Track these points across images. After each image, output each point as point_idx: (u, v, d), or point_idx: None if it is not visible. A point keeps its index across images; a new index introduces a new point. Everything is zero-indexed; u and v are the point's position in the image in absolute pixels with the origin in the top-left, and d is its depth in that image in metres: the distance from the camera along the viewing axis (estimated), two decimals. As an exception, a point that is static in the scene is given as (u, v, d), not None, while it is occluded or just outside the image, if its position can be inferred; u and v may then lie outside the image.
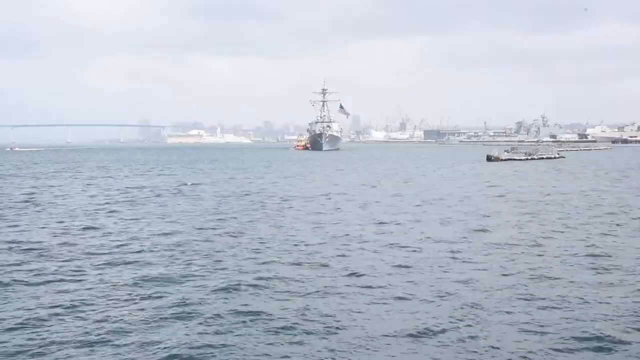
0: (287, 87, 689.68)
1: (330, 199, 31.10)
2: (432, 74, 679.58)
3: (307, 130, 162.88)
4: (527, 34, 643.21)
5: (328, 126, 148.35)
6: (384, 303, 11.75)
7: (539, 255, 16.14)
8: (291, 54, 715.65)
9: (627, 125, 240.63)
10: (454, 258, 15.77)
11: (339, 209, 26.75)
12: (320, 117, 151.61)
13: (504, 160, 77.70)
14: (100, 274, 14.10)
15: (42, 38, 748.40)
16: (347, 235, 19.42)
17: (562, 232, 20.02)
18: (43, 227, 21.28)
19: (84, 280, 13.53)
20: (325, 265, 15.00)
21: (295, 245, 17.73)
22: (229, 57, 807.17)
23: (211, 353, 9.33)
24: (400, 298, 12.08)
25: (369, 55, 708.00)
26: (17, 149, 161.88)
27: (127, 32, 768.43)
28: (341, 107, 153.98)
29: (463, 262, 15.31)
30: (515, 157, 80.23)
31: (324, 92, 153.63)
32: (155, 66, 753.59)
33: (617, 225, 21.44)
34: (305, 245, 17.73)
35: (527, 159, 79.69)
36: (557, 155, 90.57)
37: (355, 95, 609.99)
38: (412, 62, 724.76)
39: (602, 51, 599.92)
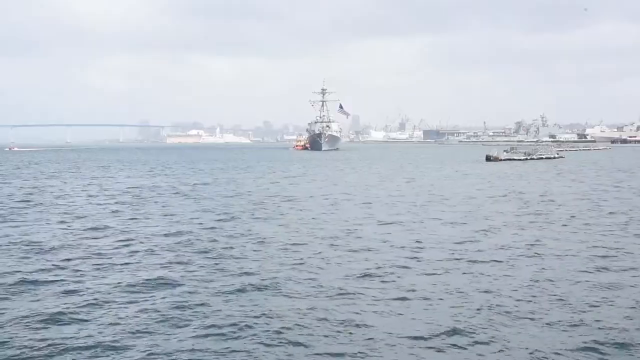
0: (287, 87, 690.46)
1: (329, 199, 31.09)
2: (432, 74, 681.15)
3: (307, 130, 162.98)
4: (527, 34, 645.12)
5: (327, 126, 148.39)
6: (395, 303, 11.76)
7: (548, 255, 16.11)
8: (291, 54, 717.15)
9: (626, 125, 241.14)
10: (459, 259, 15.75)
11: (341, 209, 26.75)
12: (320, 117, 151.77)
13: (503, 160, 77.86)
14: (104, 275, 14.04)
15: (42, 38, 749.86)
16: (353, 235, 19.42)
17: (569, 232, 20.05)
18: (46, 228, 21.20)
19: (90, 281, 13.51)
20: (333, 265, 15.00)
21: (301, 245, 17.71)
22: (229, 57, 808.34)
23: (220, 354, 9.36)
24: (406, 299, 12.10)
25: (369, 55, 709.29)
26: (16, 149, 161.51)
27: (127, 32, 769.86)
28: (341, 107, 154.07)
29: (471, 262, 15.28)
30: (515, 157, 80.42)
31: (323, 92, 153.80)
32: (155, 66, 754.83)
33: (625, 224, 21.54)
34: (311, 245, 17.70)
35: (526, 159, 79.88)
36: (556, 155, 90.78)
37: (355, 95, 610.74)
38: (412, 62, 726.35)
39: (602, 51, 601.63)
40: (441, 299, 12.04)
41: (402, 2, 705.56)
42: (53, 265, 15.04)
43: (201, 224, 22.00)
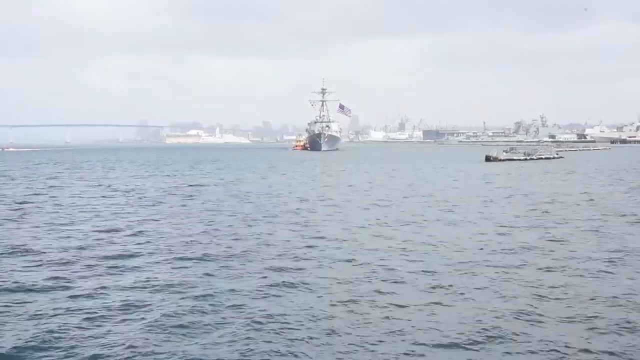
0: (286, 87, 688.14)
1: (334, 199, 31.24)
2: (432, 74, 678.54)
3: (306, 130, 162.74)
4: (527, 34, 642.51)
5: (327, 126, 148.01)
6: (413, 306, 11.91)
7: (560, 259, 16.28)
8: (291, 54, 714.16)
9: (625, 126, 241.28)
10: (460, 262, 15.87)
11: (343, 210, 26.86)
12: (320, 117, 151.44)
13: (503, 160, 77.99)
14: (114, 280, 14.05)
15: (42, 38, 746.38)
16: (365, 235, 19.59)
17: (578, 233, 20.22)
18: (47, 230, 21.16)
19: (96, 284, 13.60)
20: (351, 266, 15.15)
21: (314, 246, 17.77)
22: (229, 57, 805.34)
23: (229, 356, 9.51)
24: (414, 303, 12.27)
25: (369, 55, 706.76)
26: (12, 149, 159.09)
27: (127, 32, 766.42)
28: (341, 107, 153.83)
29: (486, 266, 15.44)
30: (514, 158, 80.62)
31: (323, 92, 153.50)
32: (155, 66, 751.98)
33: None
34: (325, 245, 17.78)
35: (525, 159, 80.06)
36: (555, 156, 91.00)
37: (355, 95, 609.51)
38: (412, 62, 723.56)
39: (602, 51, 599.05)
40: (460, 303, 12.18)
41: (402, 2, 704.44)
42: (63, 268, 15.08)
43: (217, 224, 22.10)
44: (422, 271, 14.47)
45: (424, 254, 16.60)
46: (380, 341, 9.91)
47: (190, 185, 41.15)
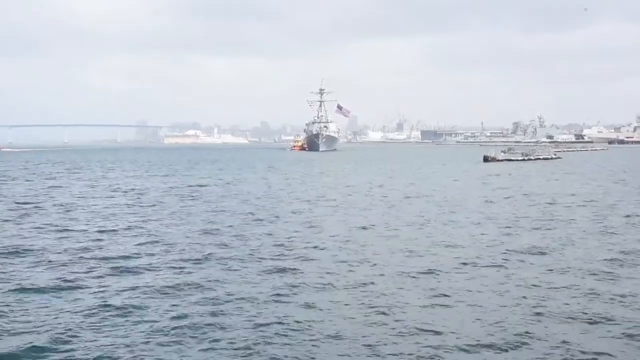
0: (286, 87, 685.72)
1: (335, 200, 31.23)
2: (432, 74, 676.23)
3: (304, 131, 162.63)
4: (527, 34, 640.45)
5: (325, 126, 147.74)
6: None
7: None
8: (291, 54, 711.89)
9: (623, 126, 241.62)
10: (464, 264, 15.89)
11: (344, 211, 26.84)
12: (318, 118, 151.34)
13: (501, 161, 78.09)
14: (116, 281, 13.93)
15: (42, 38, 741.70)
16: (367, 236, 19.58)
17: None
18: (48, 230, 21.08)
19: (98, 285, 13.54)
20: (354, 267, 15.12)
21: (316, 247, 17.76)
22: (229, 57, 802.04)
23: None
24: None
25: (369, 55, 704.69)
26: (7, 149, 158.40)
27: (127, 32, 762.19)
28: (339, 107, 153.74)
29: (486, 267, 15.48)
30: (512, 158, 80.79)
31: (321, 92, 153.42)
32: (155, 66, 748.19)
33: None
34: (327, 246, 17.76)
35: (523, 160, 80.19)
36: (553, 156, 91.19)
37: (354, 96, 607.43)
38: (412, 62, 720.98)
39: (602, 51, 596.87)
40: (464, 305, 12.17)
41: (402, 2, 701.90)
42: (66, 269, 15.00)
43: (220, 225, 22.05)
44: (427, 271, 14.47)
45: (427, 254, 16.60)
46: (384, 342, 9.88)
47: (190, 186, 41.11)
